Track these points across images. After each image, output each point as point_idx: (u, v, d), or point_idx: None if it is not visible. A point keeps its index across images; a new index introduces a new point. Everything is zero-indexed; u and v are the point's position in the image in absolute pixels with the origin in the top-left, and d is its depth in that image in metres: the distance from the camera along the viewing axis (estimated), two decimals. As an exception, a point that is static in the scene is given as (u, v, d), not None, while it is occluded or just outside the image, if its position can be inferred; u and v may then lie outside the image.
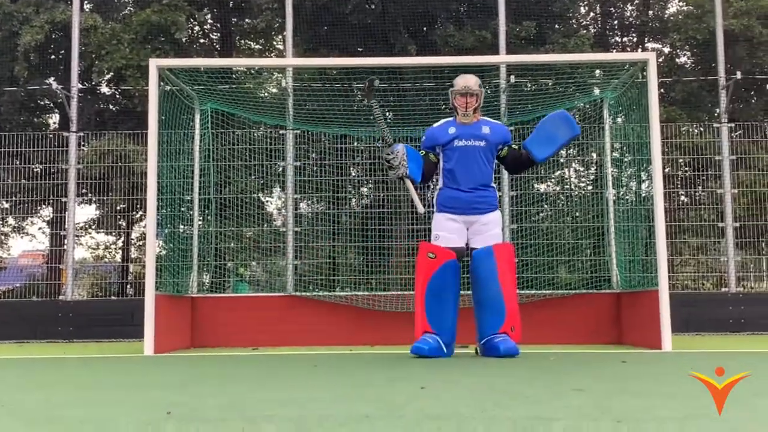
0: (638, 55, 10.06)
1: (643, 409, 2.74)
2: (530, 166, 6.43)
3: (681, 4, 15.35)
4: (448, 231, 6.00)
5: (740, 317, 9.70)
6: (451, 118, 6.20)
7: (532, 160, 6.17)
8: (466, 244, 6.06)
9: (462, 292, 6.14)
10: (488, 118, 6.29)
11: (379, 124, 6.11)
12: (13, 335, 9.79)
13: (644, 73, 7.31)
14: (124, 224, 13.99)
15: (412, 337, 8.27)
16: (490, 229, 6.01)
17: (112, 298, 11.78)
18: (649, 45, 15.82)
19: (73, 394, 3.48)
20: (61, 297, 10.25)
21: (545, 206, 10.71)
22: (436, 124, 6.25)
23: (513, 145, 6.23)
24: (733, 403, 2.69)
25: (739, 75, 10.52)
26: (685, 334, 9.39)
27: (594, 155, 10.62)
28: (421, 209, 6.01)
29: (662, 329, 6.63)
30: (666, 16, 15.85)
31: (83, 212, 21.26)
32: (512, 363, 5.24)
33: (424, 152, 6.16)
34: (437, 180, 6.26)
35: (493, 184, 6.16)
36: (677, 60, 14.89)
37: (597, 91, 9.33)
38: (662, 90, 12.76)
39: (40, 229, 15.57)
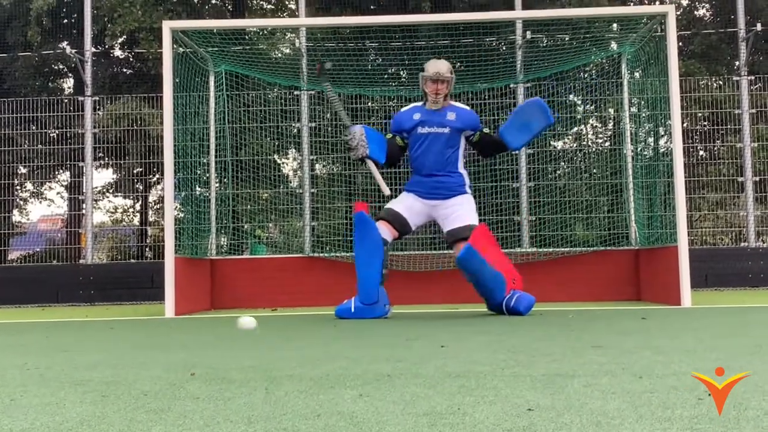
0: (657, 8, 9.87)
1: (663, 365, 2.75)
2: (503, 151, 6.47)
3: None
4: (401, 202, 6.09)
5: (760, 272, 9.65)
6: (419, 103, 6.22)
7: (503, 146, 6.22)
8: (433, 228, 6.17)
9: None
10: (458, 104, 6.27)
11: (334, 105, 6.19)
12: (36, 299, 9.92)
13: (663, 26, 7.19)
14: (141, 188, 14.04)
15: (429, 297, 8.34)
16: (455, 211, 6.02)
17: (132, 261, 11.88)
18: (667, -3, 15.54)
19: (98, 357, 3.53)
20: (81, 261, 10.36)
21: (562, 163, 10.63)
22: (403, 109, 6.29)
23: (485, 130, 6.18)
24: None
25: (759, 27, 10.33)
26: (705, 290, 9.37)
27: (611, 111, 10.52)
28: (386, 191, 6.10)
29: (682, 285, 6.62)
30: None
31: (100, 176, 21.33)
32: (531, 321, 5.27)
33: (390, 135, 6.20)
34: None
35: (459, 170, 6.12)
36: (696, 12, 14.60)
37: (615, 46, 9.20)
38: (680, 43, 12.54)
39: (58, 193, 15.64)
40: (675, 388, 2.21)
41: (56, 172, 13.65)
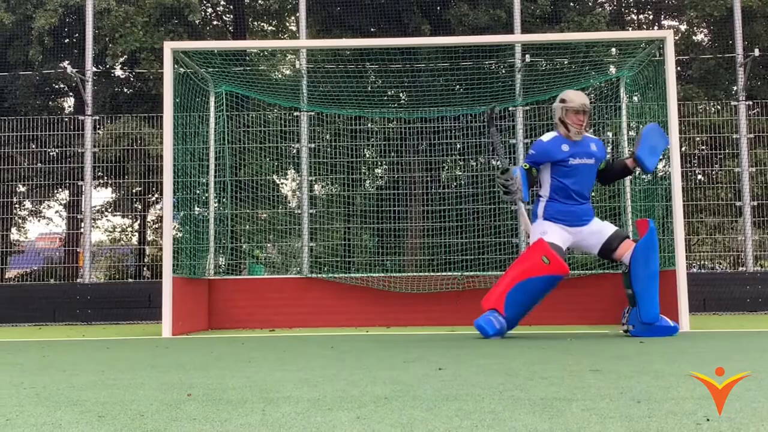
0: (655, 33, 9.96)
1: (661, 389, 2.74)
2: (629, 175, 6.76)
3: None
4: (555, 232, 6.04)
5: (758, 296, 9.64)
6: (557, 133, 6.16)
7: (629, 171, 6.41)
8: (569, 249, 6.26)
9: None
10: (590, 134, 6.41)
11: (498, 150, 6.40)
12: (33, 318, 9.89)
13: (661, 51, 7.24)
14: (139, 207, 14.06)
15: (428, 318, 8.28)
16: (598, 224, 6.14)
17: (129, 280, 11.86)
18: (666, 22, 15.64)
19: (95, 377, 3.51)
20: (78, 280, 10.33)
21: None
22: (545, 138, 6.19)
23: (608, 158, 6.40)
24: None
25: (756, 52, 10.39)
26: (703, 314, 9.36)
27: (610, 134, 10.55)
28: (530, 231, 6.24)
29: (680, 309, 6.61)
30: (682, -8, 15.63)
31: (99, 195, 21.42)
32: (529, 344, 5.25)
33: (527, 166, 6.19)
34: (540, 192, 6.30)
35: None
36: (694, 37, 14.70)
37: (613, 70, 9.25)
38: (679, 68, 12.62)
39: (56, 212, 15.68)
40: (673, 413, 2.20)
41: (55, 191, 13.67)
